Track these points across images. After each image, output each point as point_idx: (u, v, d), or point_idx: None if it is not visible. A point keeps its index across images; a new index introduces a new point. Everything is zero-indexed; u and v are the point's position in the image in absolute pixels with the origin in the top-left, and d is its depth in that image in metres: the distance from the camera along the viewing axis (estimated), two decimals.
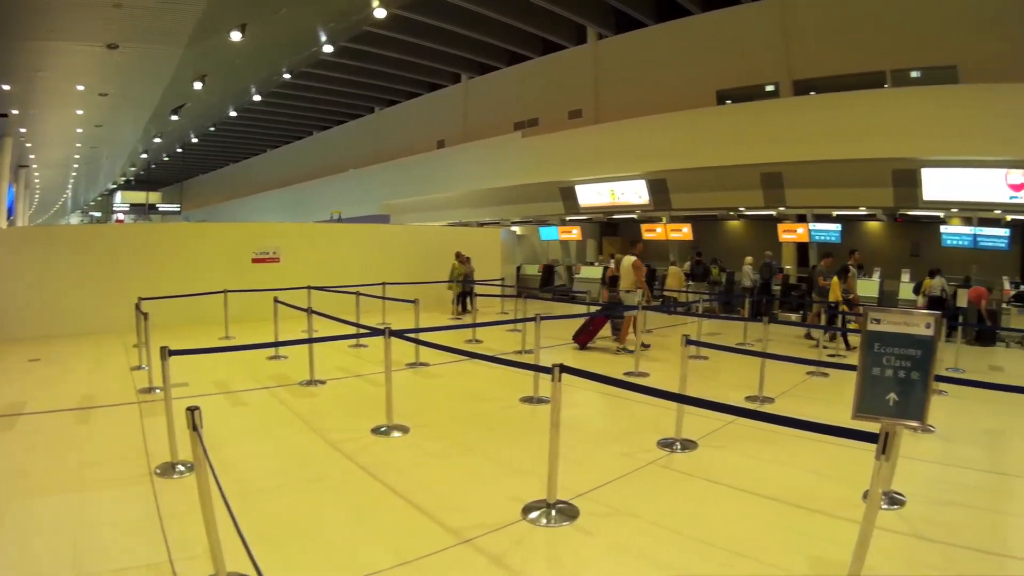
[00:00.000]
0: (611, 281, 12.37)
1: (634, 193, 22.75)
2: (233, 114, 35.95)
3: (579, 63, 27.25)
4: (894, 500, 5.04)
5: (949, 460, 6.45)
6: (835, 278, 13.36)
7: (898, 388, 3.65)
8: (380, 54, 29.13)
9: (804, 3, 21.47)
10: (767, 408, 7.65)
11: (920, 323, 3.62)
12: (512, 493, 4.82)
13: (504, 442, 6.26)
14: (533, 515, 4.49)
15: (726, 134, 19.99)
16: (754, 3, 22.46)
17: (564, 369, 4.57)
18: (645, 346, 11.36)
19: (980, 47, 18.84)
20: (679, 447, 6.10)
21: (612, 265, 13.56)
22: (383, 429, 6.39)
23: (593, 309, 13.01)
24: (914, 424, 3.76)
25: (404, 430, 6.41)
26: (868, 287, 17.94)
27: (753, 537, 4.36)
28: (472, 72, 32.34)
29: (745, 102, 21.88)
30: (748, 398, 8.16)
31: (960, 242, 18.34)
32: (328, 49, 25.66)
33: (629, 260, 12.04)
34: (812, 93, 20.93)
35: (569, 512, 4.55)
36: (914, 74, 20.27)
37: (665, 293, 18.61)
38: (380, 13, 21.13)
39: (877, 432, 3.34)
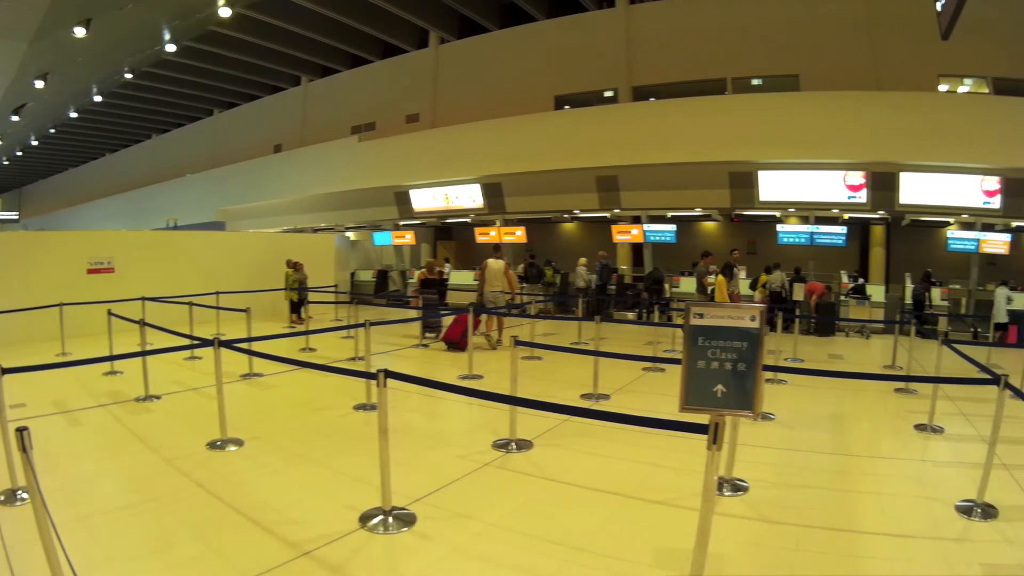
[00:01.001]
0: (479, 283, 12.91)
1: (468, 197, 22.06)
2: (74, 115, 34.07)
3: (419, 67, 26.87)
4: (737, 487, 5.15)
5: (790, 445, 6.63)
6: (721, 277, 13.26)
7: (725, 380, 3.65)
8: (221, 54, 27.91)
9: (649, 11, 22.03)
10: (603, 404, 7.80)
11: (745, 316, 3.62)
12: (349, 502, 4.72)
13: (340, 451, 6.13)
14: (371, 523, 4.39)
15: (563, 138, 19.91)
16: (600, 11, 22.82)
17: (390, 374, 4.51)
18: (495, 343, 12.03)
19: (821, 57, 19.95)
20: (514, 447, 6.07)
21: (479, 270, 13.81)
22: (219, 443, 6.14)
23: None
24: (748, 414, 3.76)
25: (239, 443, 6.18)
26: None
27: (594, 532, 4.36)
28: (313, 75, 31.24)
29: (584, 107, 21.87)
30: (584, 396, 8.18)
31: (797, 240, 18.86)
32: (171, 48, 24.54)
33: (499, 264, 12.69)
34: (652, 99, 21.31)
35: (406, 518, 4.48)
36: (756, 81, 21.07)
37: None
38: (225, 12, 20.23)
39: (707, 423, 3.30)
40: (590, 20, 22.88)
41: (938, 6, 9.67)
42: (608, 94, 22.55)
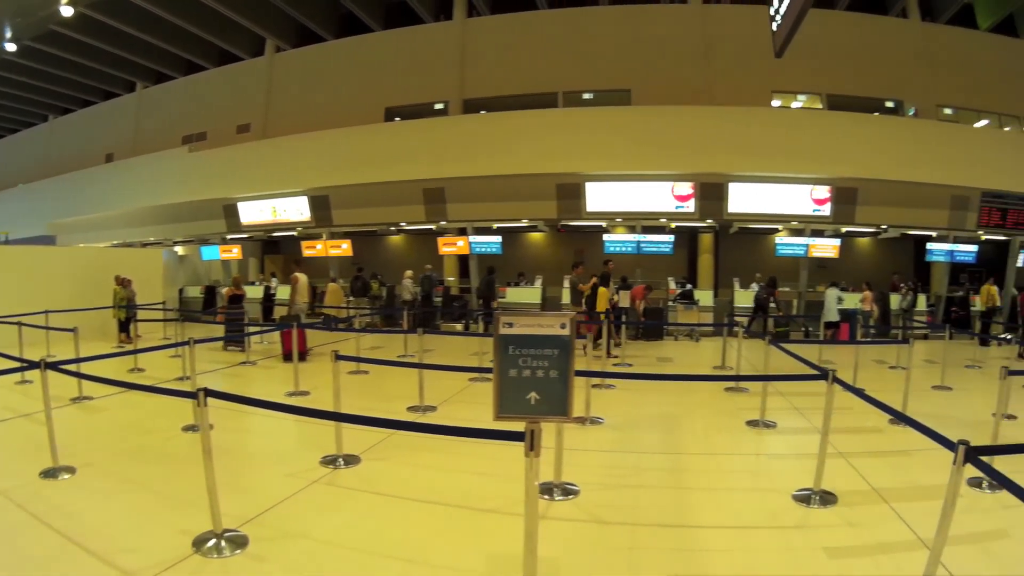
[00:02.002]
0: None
1: (296, 210, 21.18)
2: None
3: (253, 76, 25.92)
4: (568, 491, 5.27)
5: (621, 447, 6.86)
6: (602, 288, 13.38)
7: (538, 387, 3.62)
8: (57, 55, 26.30)
9: (485, 25, 22.17)
10: (429, 416, 7.91)
11: (555, 324, 3.64)
12: (183, 526, 4.53)
13: (171, 474, 5.88)
14: (205, 547, 4.27)
15: (391, 150, 19.41)
16: (437, 23, 22.67)
17: (211, 393, 4.44)
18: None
19: (655, 72, 20.59)
20: (342, 463, 6.01)
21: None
22: (51, 472, 5.81)
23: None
24: (563, 420, 3.77)
25: (72, 471, 5.87)
26: (531, 294, 18.55)
27: (427, 544, 4.40)
28: (148, 81, 29.57)
29: (412, 119, 21.51)
30: (410, 408, 8.20)
31: (624, 248, 19.02)
32: (11, 48, 23.18)
33: (304, 279, 13.39)
34: (483, 112, 21.14)
35: (239, 540, 4.37)
36: (587, 95, 21.42)
37: (324, 310, 17.98)
38: (67, 11, 19.62)
39: (523, 431, 3.48)
40: (426, 32, 22.78)
41: (773, 26, 9.74)
42: (439, 106, 22.38)
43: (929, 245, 19.98)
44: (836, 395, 5.59)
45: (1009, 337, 15.16)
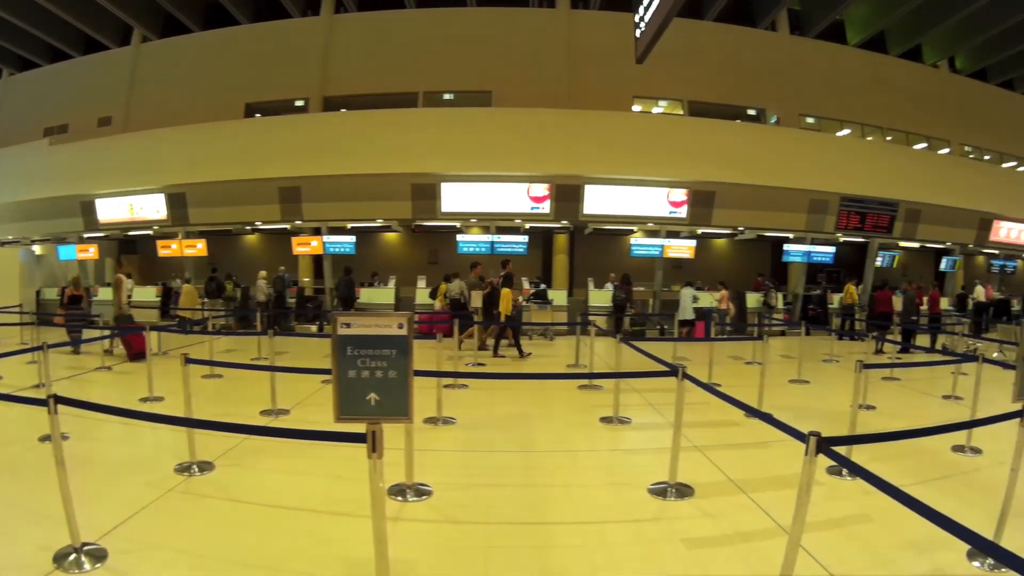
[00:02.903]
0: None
1: (153, 208, 20.76)
2: None
3: (118, 66, 25.34)
4: (421, 492, 5.35)
5: (474, 447, 6.94)
6: (505, 289, 13.69)
7: (378, 388, 3.69)
8: None
9: (351, 21, 22.36)
10: (282, 420, 7.86)
11: (392, 324, 3.68)
12: (42, 542, 4.39)
13: (30, 486, 5.62)
14: (65, 563, 4.18)
15: (249, 148, 19.30)
16: (303, 18, 22.75)
17: (61, 400, 4.33)
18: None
19: (517, 75, 21.13)
20: (196, 470, 5.93)
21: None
22: None
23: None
24: (404, 420, 3.82)
25: None
26: (385, 295, 18.60)
27: (284, 550, 4.38)
28: (13, 68, 28.61)
29: (273, 116, 21.49)
30: (263, 412, 8.11)
31: (478, 249, 19.24)
32: None
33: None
34: (343, 110, 21.16)
35: (98, 554, 4.28)
36: (447, 96, 21.78)
37: (179, 312, 17.69)
38: None
39: (365, 432, 3.57)
40: (291, 27, 22.77)
41: (637, 32, 9.82)
42: (299, 103, 22.37)
43: (786, 246, 20.91)
44: (694, 390, 5.84)
45: (875, 334, 15.90)
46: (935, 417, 7.52)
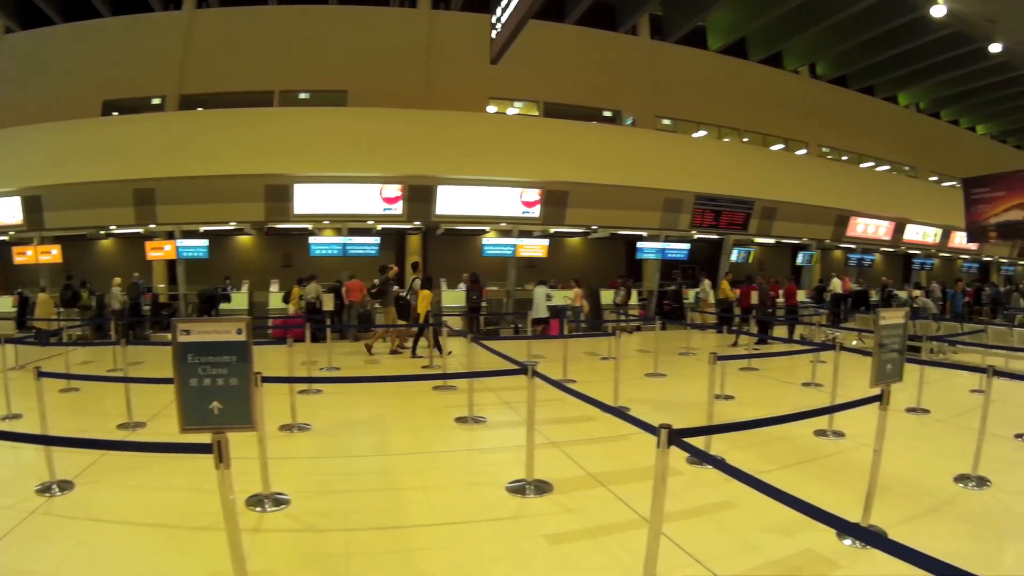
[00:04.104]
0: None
1: (8, 212, 20.52)
2: None
3: None
4: (279, 501, 5.37)
5: (331, 453, 6.96)
6: (424, 291, 14.24)
7: (220, 396, 3.68)
8: None
9: (213, 16, 22.40)
10: (139, 433, 7.74)
11: (231, 329, 3.66)
12: None
13: None
14: None
15: (104, 147, 19.20)
16: (165, 12, 22.72)
17: None
18: None
19: (373, 75, 21.62)
20: (57, 490, 5.74)
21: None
22: None
23: None
24: (248, 428, 3.80)
25: None
26: (237, 299, 18.90)
27: (147, 568, 4.32)
28: None
29: (130, 114, 21.51)
30: (120, 426, 7.95)
31: (330, 251, 19.71)
32: None
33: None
34: (200, 109, 21.29)
35: None
36: (303, 95, 22.19)
37: (35, 323, 17.64)
38: None
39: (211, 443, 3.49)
40: (152, 21, 22.61)
41: (493, 33, 10.35)
42: (156, 101, 22.34)
43: (639, 244, 22.25)
44: (550, 387, 6.12)
45: (732, 328, 17.08)
46: (795, 404, 7.79)
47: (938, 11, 21.06)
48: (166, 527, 4.94)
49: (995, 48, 23.77)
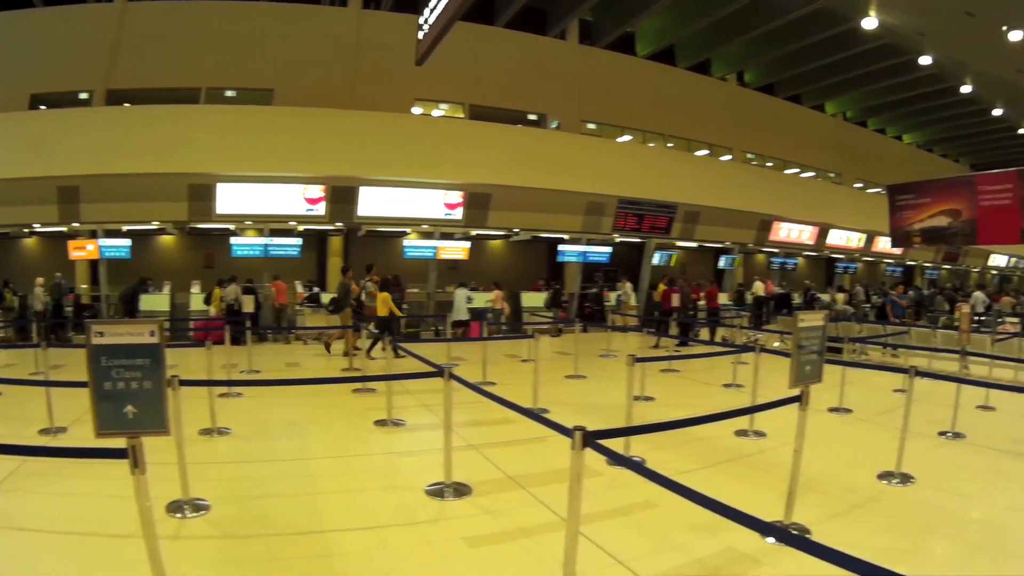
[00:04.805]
0: None
1: None
2: None
3: None
4: (198, 507, 5.38)
5: (250, 457, 7.01)
6: (384, 293, 14.70)
7: (135, 400, 3.70)
8: None
9: (145, 9, 22.45)
10: (61, 438, 7.66)
11: (144, 331, 3.69)
12: None
13: None
14: None
15: (29, 143, 19.18)
16: (97, 3, 22.69)
17: None
18: None
19: (300, 74, 21.96)
20: None
21: None
22: None
23: None
24: (163, 433, 3.86)
25: None
26: (159, 301, 19.17)
27: None
28: None
29: (58, 108, 21.55)
30: (42, 431, 7.85)
31: (252, 252, 20.08)
32: None
33: None
34: (127, 104, 21.53)
35: None
36: (229, 93, 22.49)
37: None
38: None
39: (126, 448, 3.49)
40: (84, 13, 22.51)
41: (420, 35, 10.55)
42: (84, 96, 22.31)
43: (561, 247, 23.31)
44: (470, 390, 6.29)
45: (650, 330, 17.82)
46: (716, 405, 7.90)
47: (869, 23, 22.22)
48: (87, 535, 4.92)
49: (925, 60, 25.48)
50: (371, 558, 4.62)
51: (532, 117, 26.35)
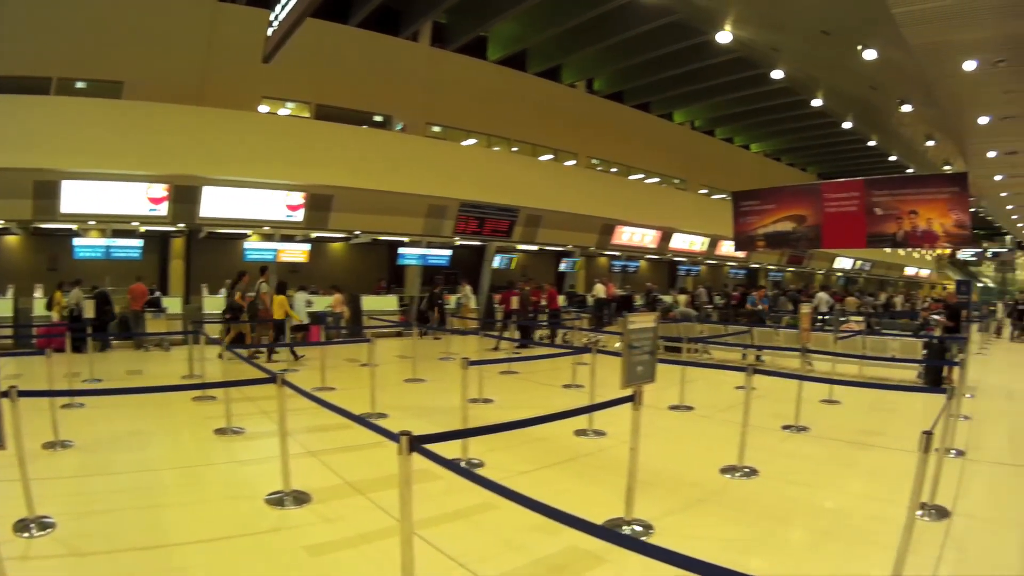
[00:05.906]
0: None
1: None
2: None
3: None
4: (44, 524, 5.36)
5: (93, 471, 7.01)
6: (282, 296, 15.43)
7: None
8: None
9: None
10: None
11: None
12: None
13: None
14: None
15: None
16: None
17: None
18: None
19: (151, 67, 21.93)
20: None
21: None
22: None
23: None
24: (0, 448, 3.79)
25: None
26: (1, 306, 18.65)
27: None
28: None
29: None
30: None
31: (94, 254, 20.11)
32: None
33: None
34: None
35: None
36: (80, 84, 22.12)
37: None
38: None
39: None
40: None
41: (269, 31, 10.68)
42: None
43: (401, 250, 24.82)
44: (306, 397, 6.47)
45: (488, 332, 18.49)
46: (556, 405, 7.76)
47: (724, 37, 23.53)
48: None
49: (777, 74, 27.32)
50: (215, 572, 4.77)
51: (378, 118, 27.42)
